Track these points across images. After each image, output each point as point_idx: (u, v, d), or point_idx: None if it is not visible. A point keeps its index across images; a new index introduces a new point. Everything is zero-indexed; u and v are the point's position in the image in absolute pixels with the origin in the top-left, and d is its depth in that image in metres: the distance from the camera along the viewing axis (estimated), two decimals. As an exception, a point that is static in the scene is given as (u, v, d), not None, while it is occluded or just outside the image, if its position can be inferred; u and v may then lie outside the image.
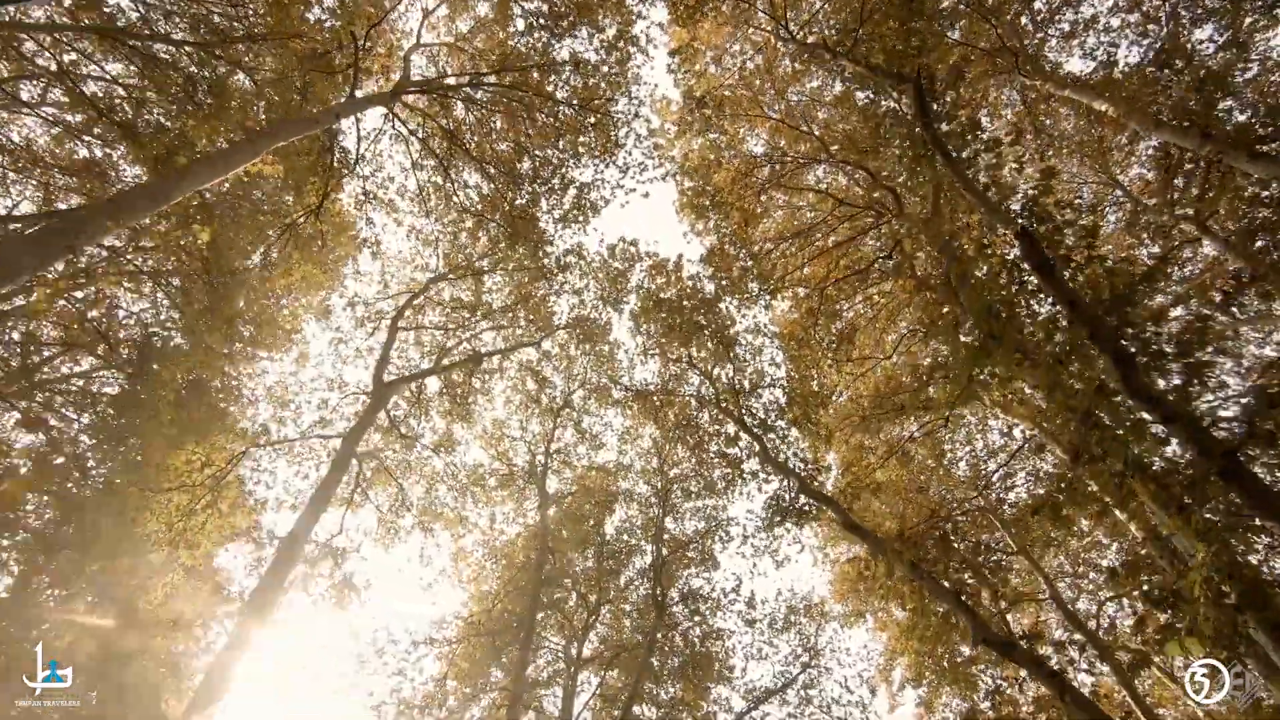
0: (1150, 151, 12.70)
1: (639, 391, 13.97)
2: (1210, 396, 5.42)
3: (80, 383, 14.00)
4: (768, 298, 12.92)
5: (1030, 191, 6.64)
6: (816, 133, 12.44)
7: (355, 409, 13.81)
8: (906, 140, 8.31)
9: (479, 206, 13.41)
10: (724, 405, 12.12)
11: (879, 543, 8.61)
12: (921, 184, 8.05)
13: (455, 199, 13.75)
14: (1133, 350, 5.52)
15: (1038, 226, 6.42)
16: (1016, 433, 14.30)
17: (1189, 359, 5.36)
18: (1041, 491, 13.55)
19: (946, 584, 7.87)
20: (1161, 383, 5.62)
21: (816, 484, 10.91)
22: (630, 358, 15.39)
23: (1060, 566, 16.63)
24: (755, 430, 11.24)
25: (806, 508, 10.17)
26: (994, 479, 14.30)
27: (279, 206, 10.90)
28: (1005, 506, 14.06)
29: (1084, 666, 11.13)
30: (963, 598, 7.45)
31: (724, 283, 13.02)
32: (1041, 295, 6.61)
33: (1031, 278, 6.55)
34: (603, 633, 17.04)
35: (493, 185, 13.23)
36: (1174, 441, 5.86)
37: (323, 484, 9.88)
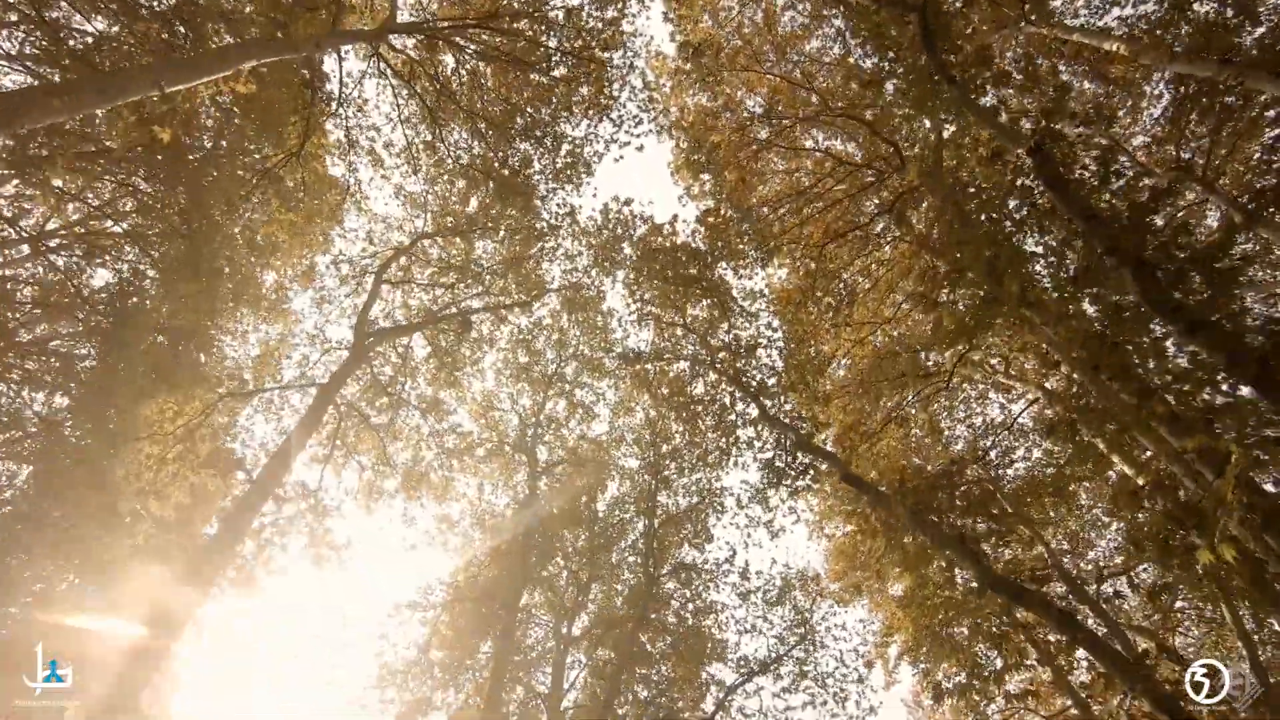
0: (1155, 115, 12.44)
1: (632, 357, 13.58)
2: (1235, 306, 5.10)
3: (64, 347, 13.52)
4: (765, 259, 12.57)
5: (1043, 108, 6.33)
6: (815, 97, 12.12)
7: (337, 365, 13.39)
8: (911, 73, 7.98)
9: (468, 164, 13.02)
10: (719, 366, 11.76)
11: (878, 494, 8.28)
12: (931, 111, 7.70)
13: (446, 162, 13.35)
14: (1154, 263, 5.21)
15: (1051, 144, 6.08)
16: (1016, 408, 14.03)
17: (1216, 267, 5.04)
18: (1043, 474, 13.28)
19: (949, 531, 7.53)
20: (1180, 295, 5.29)
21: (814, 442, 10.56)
22: (623, 325, 15.03)
23: (1060, 546, 16.35)
24: (752, 390, 10.89)
25: (804, 465, 9.83)
26: (992, 453, 14.03)
27: (260, 153, 10.50)
28: (1005, 484, 13.81)
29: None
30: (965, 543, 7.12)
31: (720, 246, 12.65)
32: (1052, 217, 6.27)
33: (1043, 198, 6.23)
34: (594, 611, 16.68)
35: (484, 144, 12.82)
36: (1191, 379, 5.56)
37: (300, 426, 9.47)
